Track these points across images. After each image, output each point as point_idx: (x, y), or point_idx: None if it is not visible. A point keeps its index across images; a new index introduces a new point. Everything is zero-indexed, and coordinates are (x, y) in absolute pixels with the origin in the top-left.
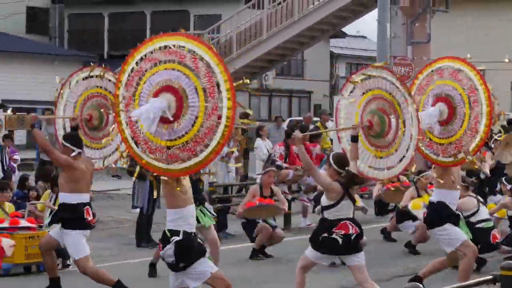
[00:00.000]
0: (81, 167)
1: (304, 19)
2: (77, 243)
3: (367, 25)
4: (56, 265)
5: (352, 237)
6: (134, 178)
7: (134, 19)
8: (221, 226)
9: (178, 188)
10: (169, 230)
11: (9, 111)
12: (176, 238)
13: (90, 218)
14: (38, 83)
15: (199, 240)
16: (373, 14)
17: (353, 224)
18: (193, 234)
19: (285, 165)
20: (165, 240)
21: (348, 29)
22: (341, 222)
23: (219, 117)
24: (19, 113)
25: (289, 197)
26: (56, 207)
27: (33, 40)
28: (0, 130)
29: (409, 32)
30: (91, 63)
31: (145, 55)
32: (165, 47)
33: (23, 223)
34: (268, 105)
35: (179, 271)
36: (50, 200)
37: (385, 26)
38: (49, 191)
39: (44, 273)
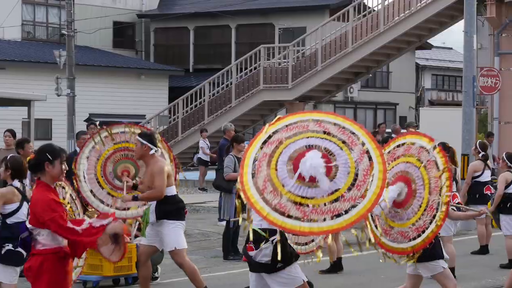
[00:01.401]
0: (163, 164)
1: (390, 31)
2: (178, 233)
3: (453, 36)
4: (150, 277)
5: None
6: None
7: (219, 32)
8: None
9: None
10: (263, 229)
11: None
12: (275, 237)
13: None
14: (125, 97)
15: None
16: (460, 25)
17: None
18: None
19: None
20: (258, 240)
21: (434, 40)
22: None
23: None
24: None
25: None
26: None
27: (119, 55)
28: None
29: (496, 42)
30: None
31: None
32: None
33: None
34: (353, 117)
35: (273, 273)
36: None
37: (472, 37)
38: None
39: (132, 285)
